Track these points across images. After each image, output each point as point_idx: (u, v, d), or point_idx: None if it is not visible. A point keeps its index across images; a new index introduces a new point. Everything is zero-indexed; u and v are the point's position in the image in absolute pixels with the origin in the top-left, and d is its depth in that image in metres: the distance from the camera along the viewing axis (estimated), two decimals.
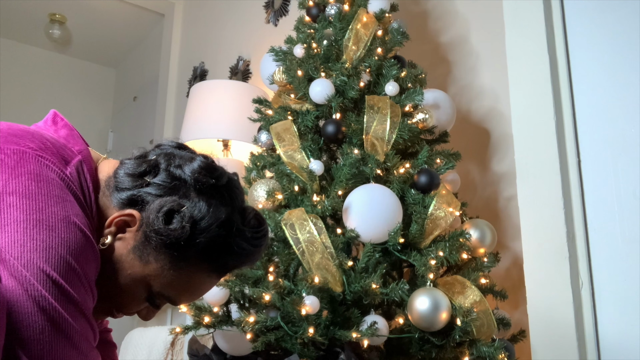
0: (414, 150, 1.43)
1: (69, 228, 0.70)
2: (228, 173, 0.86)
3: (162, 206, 0.76)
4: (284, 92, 1.55)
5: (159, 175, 0.80)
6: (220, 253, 0.80)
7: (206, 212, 0.78)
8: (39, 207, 0.70)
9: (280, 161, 1.39)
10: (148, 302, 0.84)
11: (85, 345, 0.69)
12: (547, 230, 1.41)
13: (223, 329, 1.27)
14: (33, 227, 0.68)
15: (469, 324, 1.16)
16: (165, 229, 0.75)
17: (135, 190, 0.79)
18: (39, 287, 0.66)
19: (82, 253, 0.71)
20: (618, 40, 1.43)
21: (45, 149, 0.75)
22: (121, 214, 0.78)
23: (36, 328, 0.65)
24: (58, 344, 0.66)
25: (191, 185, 0.79)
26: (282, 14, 2.79)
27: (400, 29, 1.56)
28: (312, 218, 1.21)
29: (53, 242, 0.68)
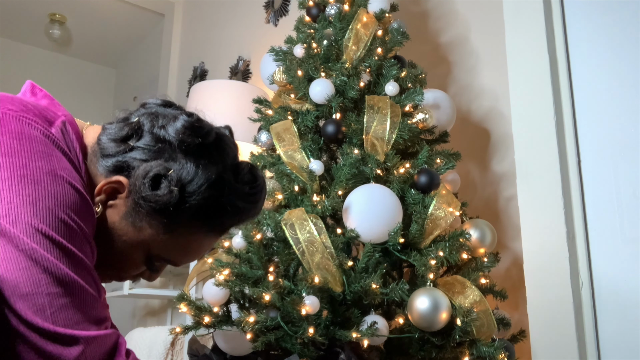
0: (414, 150, 1.43)
1: (56, 181, 0.68)
2: (216, 129, 0.81)
3: (147, 172, 0.74)
4: (284, 92, 1.55)
5: (143, 138, 0.77)
6: (215, 214, 0.78)
7: (195, 173, 0.75)
8: (22, 163, 0.67)
9: (280, 161, 1.39)
10: (146, 265, 0.83)
11: (86, 295, 0.67)
12: (547, 230, 1.41)
13: (223, 329, 1.27)
14: (18, 183, 0.66)
15: (469, 324, 1.16)
16: (153, 195, 0.73)
17: (120, 156, 0.76)
18: (29, 242, 0.64)
19: (73, 206, 0.69)
20: (618, 40, 1.43)
21: (26, 111, 0.73)
22: (108, 181, 0.76)
23: (33, 281, 0.63)
24: (57, 294, 0.64)
25: (177, 147, 0.76)
26: (282, 14, 2.79)
27: (400, 29, 1.56)
28: (312, 218, 1.21)
29: (39, 195, 0.66)
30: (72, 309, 0.65)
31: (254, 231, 1.28)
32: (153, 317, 3.34)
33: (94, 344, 0.66)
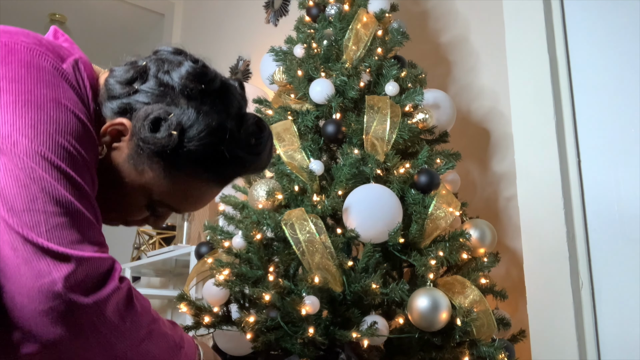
0: (414, 150, 1.43)
1: (60, 109, 0.69)
2: (222, 77, 0.81)
3: (148, 114, 0.74)
4: (284, 92, 1.55)
5: (148, 82, 0.77)
6: (215, 162, 0.78)
7: (195, 119, 0.75)
8: (27, 89, 0.68)
9: (280, 161, 1.39)
10: (149, 210, 0.83)
11: (82, 218, 0.67)
12: (547, 230, 1.41)
13: (223, 329, 1.27)
14: (22, 107, 0.67)
15: (469, 324, 1.16)
16: (152, 137, 0.74)
17: (124, 99, 0.77)
18: (28, 162, 0.64)
19: (75, 133, 0.69)
20: (618, 40, 1.43)
21: (40, 45, 0.73)
22: (112, 123, 0.76)
23: (30, 198, 0.64)
24: (53, 213, 0.64)
25: (179, 92, 0.76)
26: (282, 14, 2.79)
27: (400, 29, 1.56)
28: (312, 218, 1.21)
29: (41, 120, 0.67)
30: (67, 229, 0.65)
31: (254, 231, 1.28)
32: None
33: (86, 265, 0.65)
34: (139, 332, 0.71)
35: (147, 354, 0.72)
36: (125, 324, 0.68)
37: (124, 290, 0.69)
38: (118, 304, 0.67)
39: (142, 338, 0.71)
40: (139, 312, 0.71)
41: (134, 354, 0.70)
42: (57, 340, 0.63)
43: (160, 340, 0.74)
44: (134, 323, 0.70)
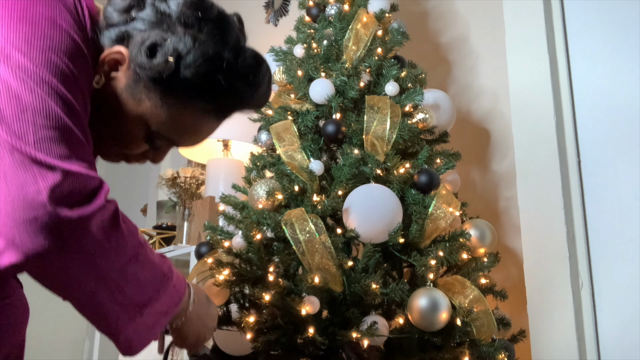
0: (414, 150, 1.43)
1: (54, 28, 0.69)
2: (220, 8, 0.82)
3: (144, 40, 0.75)
4: (284, 92, 1.55)
5: (145, 10, 0.78)
6: (212, 91, 0.78)
7: (192, 46, 0.75)
8: (24, 5, 0.68)
9: (280, 161, 1.39)
10: (147, 143, 0.83)
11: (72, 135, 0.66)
12: (547, 230, 1.42)
13: (223, 329, 1.27)
14: (16, 23, 0.67)
15: (469, 324, 1.16)
16: (149, 62, 0.74)
17: (122, 26, 0.77)
18: (20, 74, 0.64)
19: (68, 52, 0.69)
20: (618, 41, 1.43)
21: None
22: (110, 51, 0.77)
23: (20, 109, 0.64)
24: (43, 126, 0.64)
25: (177, 19, 0.77)
26: (282, 14, 2.79)
27: (400, 29, 1.56)
28: (312, 218, 1.21)
29: (35, 36, 0.67)
30: (55, 143, 0.65)
31: (254, 231, 1.28)
32: None
33: (73, 178, 0.64)
34: (124, 254, 0.70)
35: (133, 277, 0.71)
36: (110, 243, 0.68)
37: (110, 209, 0.68)
38: (103, 222, 0.67)
39: (127, 260, 0.70)
40: (125, 234, 0.70)
41: (119, 277, 0.69)
42: (40, 252, 0.62)
43: (146, 266, 0.73)
44: (119, 244, 0.69)
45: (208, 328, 0.92)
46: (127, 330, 0.72)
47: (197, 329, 0.88)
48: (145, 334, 0.74)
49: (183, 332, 0.87)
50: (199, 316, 0.88)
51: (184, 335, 0.88)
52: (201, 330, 0.90)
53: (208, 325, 0.91)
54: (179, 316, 0.84)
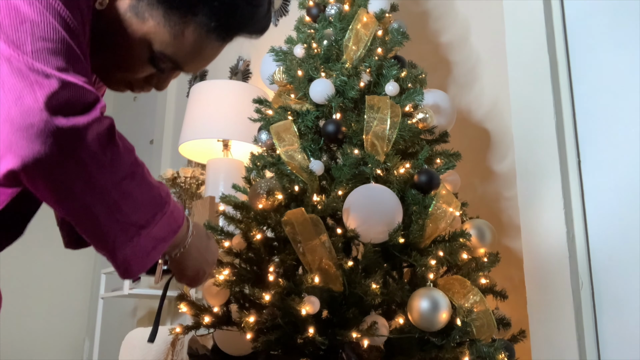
0: (414, 150, 1.43)
1: None
2: None
3: None
4: (284, 92, 1.55)
5: None
6: (213, 6, 0.81)
7: None
8: None
9: (280, 161, 1.39)
10: (152, 64, 0.84)
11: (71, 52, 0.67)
12: (547, 230, 1.41)
13: (223, 329, 1.27)
14: None
15: (469, 324, 1.16)
16: None
17: None
18: None
19: None
20: (618, 41, 1.43)
21: None
22: None
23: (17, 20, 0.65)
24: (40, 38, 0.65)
25: None
26: (282, 14, 2.79)
27: (400, 29, 1.56)
28: (312, 218, 1.21)
29: None
30: (54, 55, 0.65)
31: (254, 231, 1.28)
32: (153, 317, 3.34)
33: (70, 89, 0.65)
34: (120, 169, 0.70)
35: (129, 195, 0.71)
36: (106, 156, 0.68)
37: (106, 123, 0.69)
38: (99, 135, 0.67)
39: (123, 176, 0.71)
40: (121, 150, 0.71)
41: (116, 192, 0.70)
42: (37, 158, 0.63)
43: (143, 185, 0.74)
44: (115, 158, 0.70)
45: (207, 262, 0.92)
46: (125, 250, 0.72)
47: (197, 262, 0.89)
48: (143, 258, 0.75)
49: (182, 264, 0.87)
50: (198, 249, 0.88)
51: (182, 267, 0.88)
52: (201, 264, 0.90)
53: (207, 260, 0.92)
54: (177, 245, 0.84)
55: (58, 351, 4.64)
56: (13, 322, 4.54)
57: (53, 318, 4.69)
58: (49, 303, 4.70)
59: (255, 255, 1.28)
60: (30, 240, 4.96)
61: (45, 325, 4.64)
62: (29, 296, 4.64)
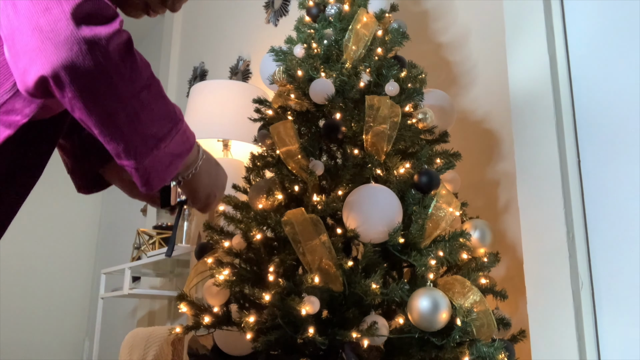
0: (414, 150, 1.43)
1: None
2: None
3: None
4: (284, 92, 1.55)
5: None
6: None
7: None
8: None
9: (280, 161, 1.39)
10: None
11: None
12: (547, 230, 1.41)
13: (223, 329, 1.27)
14: None
15: (469, 324, 1.16)
16: None
17: None
18: None
19: None
20: (618, 40, 1.43)
21: None
22: None
23: None
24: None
25: None
26: (282, 14, 2.79)
27: (400, 29, 1.56)
28: (312, 218, 1.21)
29: None
30: None
31: (254, 231, 1.28)
32: (153, 317, 3.34)
33: (93, 2, 0.71)
34: (138, 80, 0.76)
35: (147, 106, 0.77)
36: (125, 66, 0.73)
37: (125, 36, 0.74)
38: (119, 45, 0.72)
39: (141, 87, 0.76)
40: (139, 63, 0.76)
41: (135, 101, 0.75)
42: (64, 65, 0.69)
43: (159, 99, 0.79)
44: (134, 69, 0.75)
45: (217, 187, 0.97)
46: (145, 161, 0.78)
47: (207, 185, 0.94)
48: (162, 171, 0.81)
49: (193, 185, 0.92)
50: (209, 172, 0.94)
51: (194, 189, 0.93)
52: (211, 187, 0.95)
53: (217, 185, 0.97)
54: (189, 166, 0.89)
55: (58, 351, 4.64)
56: (13, 322, 4.54)
57: (53, 318, 4.69)
58: (49, 303, 4.70)
59: (255, 255, 1.28)
60: (31, 240, 4.97)
61: (45, 325, 4.64)
62: (29, 296, 4.64)
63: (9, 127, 0.78)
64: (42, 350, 4.58)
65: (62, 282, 4.77)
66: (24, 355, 4.47)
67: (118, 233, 4.57)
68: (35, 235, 4.71)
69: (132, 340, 2.27)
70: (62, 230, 4.86)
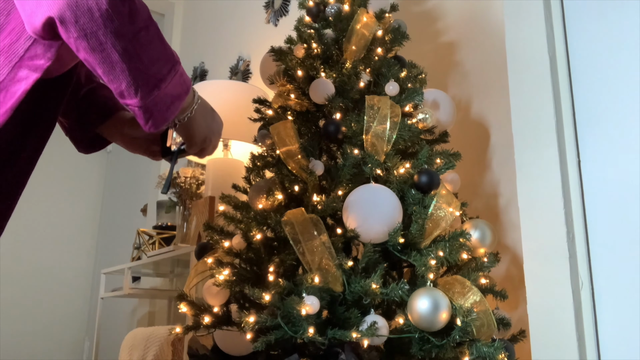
0: (414, 150, 1.43)
1: None
2: None
3: None
4: (284, 92, 1.55)
5: None
6: None
7: None
8: None
9: (280, 161, 1.39)
10: None
11: None
12: (547, 230, 1.41)
13: (223, 329, 1.27)
14: None
15: (469, 324, 1.16)
16: None
17: None
18: None
19: None
20: (618, 40, 1.43)
21: None
22: None
23: None
24: None
25: None
26: (282, 14, 2.79)
27: (401, 29, 1.56)
28: (312, 218, 1.21)
29: None
30: None
31: (254, 231, 1.28)
32: (153, 317, 3.34)
33: None
34: (137, 21, 0.80)
35: (147, 46, 0.81)
36: (124, 6, 0.78)
37: None
38: None
39: (140, 27, 0.80)
40: (137, 4, 0.80)
41: (136, 42, 0.80)
42: (67, 4, 0.73)
43: (157, 40, 0.83)
44: (133, 10, 0.79)
45: (213, 131, 1.02)
46: (147, 99, 0.83)
47: (203, 129, 0.99)
48: (164, 111, 0.86)
49: (189, 129, 0.97)
50: (204, 116, 0.98)
51: (190, 132, 0.97)
52: (207, 131, 1.00)
53: (213, 129, 1.02)
54: (185, 109, 0.93)
55: (58, 351, 4.64)
56: (13, 322, 4.53)
57: (53, 318, 4.69)
58: (49, 303, 4.70)
59: (255, 255, 1.28)
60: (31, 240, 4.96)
61: (45, 325, 4.64)
62: (29, 296, 4.64)
63: (36, 70, 0.82)
64: (42, 350, 4.58)
65: (62, 282, 4.77)
66: (24, 355, 4.47)
67: (118, 233, 4.57)
68: (35, 235, 4.71)
69: (132, 340, 2.27)
70: (62, 230, 4.86)
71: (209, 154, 1.07)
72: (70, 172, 4.99)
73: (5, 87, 0.81)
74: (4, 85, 0.81)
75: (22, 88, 0.82)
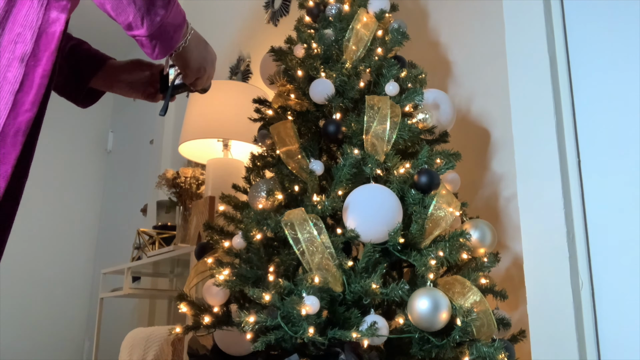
0: (414, 150, 1.43)
1: None
2: None
3: None
4: (284, 92, 1.55)
5: None
6: None
7: None
8: None
9: (280, 161, 1.39)
10: None
11: None
12: (547, 230, 1.41)
13: (223, 329, 1.27)
14: None
15: (469, 324, 1.16)
16: None
17: None
18: None
19: None
20: (618, 40, 1.43)
21: None
22: None
23: None
24: None
25: None
26: (282, 14, 2.79)
27: (400, 29, 1.56)
28: (312, 218, 1.21)
29: None
30: None
31: (254, 231, 1.28)
32: (153, 317, 3.34)
33: None
34: None
35: None
36: None
37: None
38: None
39: None
40: None
41: None
42: None
43: None
44: None
45: (207, 61, 1.09)
46: (152, 30, 0.90)
47: (197, 58, 1.06)
48: (168, 39, 0.94)
49: (185, 58, 1.04)
50: (197, 46, 1.05)
51: (185, 61, 1.04)
52: (201, 61, 1.07)
53: (207, 59, 1.09)
54: (181, 38, 0.99)
55: (58, 351, 4.64)
56: (13, 322, 4.53)
57: (53, 318, 4.69)
58: (49, 303, 4.70)
59: (255, 255, 1.28)
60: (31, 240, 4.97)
61: (45, 325, 4.64)
62: (29, 296, 4.64)
63: (62, 10, 0.88)
64: (42, 350, 4.58)
65: (62, 282, 4.77)
66: (24, 356, 4.47)
67: (118, 233, 4.57)
68: (35, 235, 4.71)
69: (132, 340, 2.27)
70: (62, 230, 4.86)
71: (205, 84, 1.12)
72: (71, 172, 4.99)
73: (44, 30, 0.85)
74: (43, 28, 0.85)
75: (58, 29, 0.86)
